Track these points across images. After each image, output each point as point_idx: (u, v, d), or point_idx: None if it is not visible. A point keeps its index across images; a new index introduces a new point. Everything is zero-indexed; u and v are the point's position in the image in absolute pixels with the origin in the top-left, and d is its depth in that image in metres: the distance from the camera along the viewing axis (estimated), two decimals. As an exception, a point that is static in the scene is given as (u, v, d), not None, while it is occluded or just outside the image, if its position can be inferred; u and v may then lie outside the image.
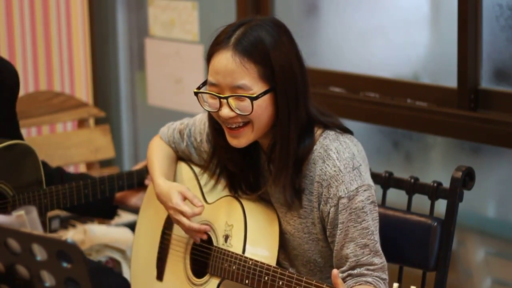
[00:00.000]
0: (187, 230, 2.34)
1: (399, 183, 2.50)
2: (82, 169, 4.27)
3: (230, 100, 2.13)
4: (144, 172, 2.82)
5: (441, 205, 2.41)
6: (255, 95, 2.12)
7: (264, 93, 2.13)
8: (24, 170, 2.63)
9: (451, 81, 3.10)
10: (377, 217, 2.20)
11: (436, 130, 3.12)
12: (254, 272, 2.18)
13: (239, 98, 2.13)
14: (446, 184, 2.39)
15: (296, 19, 3.69)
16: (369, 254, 2.15)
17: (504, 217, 3.16)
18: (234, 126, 2.17)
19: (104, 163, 4.12)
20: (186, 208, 2.31)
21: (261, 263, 2.17)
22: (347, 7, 3.52)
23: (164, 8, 4.22)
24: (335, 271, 2.01)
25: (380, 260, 2.17)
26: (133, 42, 4.52)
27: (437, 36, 3.33)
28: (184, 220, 2.32)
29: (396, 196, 2.63)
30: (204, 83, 2.22)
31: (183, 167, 2.52)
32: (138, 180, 2.82)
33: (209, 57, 2.19)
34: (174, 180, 2.50)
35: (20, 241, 1.76)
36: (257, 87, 2.13)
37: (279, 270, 2.14)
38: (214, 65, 2.16)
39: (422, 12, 3.32)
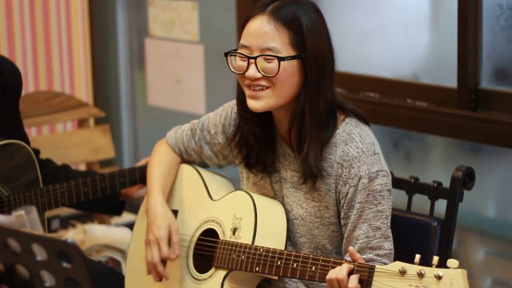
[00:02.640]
0: (152, 264, 2.36)
1: (399, 183, 2.50)
2: (82, 169, 4.27)
3: (258, 60, 2.18)
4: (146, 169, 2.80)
5: (441, 205, 2.41)
6: (284, 57, 2.16)
7: (293, 57, 2.17)
8: (19, 169, 2.62)
9: (451, 81, 3.10)
10: (391, 206, 2.23)
11: (436, 130, 3.12)
12: (265, 259, 2.20)
13: (268, 59, 2.17)
14: (446, 184, 2.39)
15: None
16: (381, 237, 2.18)
17: (504, 217, 3.16)
18: (257, 88, 2.19)
19: (104, 163, 4.12)
20: (166, 248, 2.35)
21: (273, 249, 2.20)
22: (347, 7, 3.52)
23: (164, 8, 4.22)
24: (350, 248, 2.05)
25: (389, 245, 2.20)
26: (133, 42, 4.52)
27: (437, 36, 3.33)
28: (155, 254, 2.35)
29: (396, 196, 2.63)
30: (236, 49, 2.25)
31: (186, 168, 2.53)
32: (141, 176, 2.78)
33: (244, 22, 2.23)
34: (176, 183, 2.51)
35: (20, 241, 1.76)
36: (286, 52, 2.18)
37: (293, 253, 2.16)
38: (248, 28, 2.20)
39: (422, 12, 3.32)
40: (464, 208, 2.49)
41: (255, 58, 2.18)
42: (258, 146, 2.32)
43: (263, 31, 2.17)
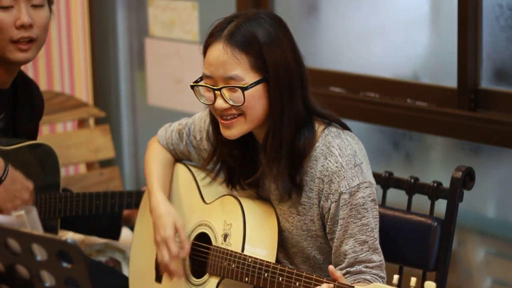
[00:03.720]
0: (164, 264, 2.34)
1: (399, 183, 2.50)
2: (82, 169, 4.27)
3: (224, 91, 2.15)
4: None
5: (441, 205, 2.41)
6: (245, 86, 2.14)
7: (256, 83, 2.15)
8: (44, 171, 2.63)
9: (451, 81, 3.09)
10: (377, 215, 2.20)
11: (436, 130, 3.12)
12: (253, 270, 2.18)
13: (232, 89, 2.15)
14: (446, 184, 2.39)
15: (296, 19, 3.69)
16: (368, 251, 2.16)
17: (504, 217, 3.16)
18: (228, 118, 2.18)
19: (104, 163, 4.12)
20: (174, 246, 2.33)
21: (260, 260, 2.18)
22: (347, 7, 3.52)
23: (164, 8, 4.22)
24: (330, 267, 2.03)
25: (378, 257, 2.17)
26: (133, 42, 4.52)
27: (437, 36, 3.33)
28: (165, 254, 2.33)
29: (396, 196, 2.63)
30: (201, 78, 2.24)
31: (180, 168, 2.52)
32: None
33: (204, 50, 2.21)
34: (171, 183, 2.51)
35: (20, 241, 1.76)
36: (249, 78, 2.15)
37: (278, 266, 2.14)
38: (207, 57, 2.18)
39: (422, 12, 3.32)
40: (464, 208, 2.49)
41: (220, 89, 2.16)
42: (238, 167, 2.31)
43: (221, 60, 2.14)
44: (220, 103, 2.17)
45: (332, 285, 2.01)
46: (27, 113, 2.64)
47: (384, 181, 2.52)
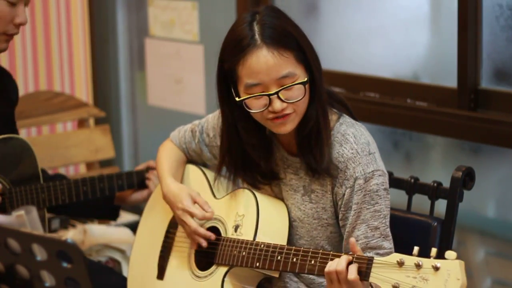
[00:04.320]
0: (193, 232, 2.34)
1: (399, 183, 2.50)
2: (82, 169, 4.27)
3: (281, 93, 2.14)
4: (144, 173, 2.82)
5: (441, 205, 2.41)
6: (305, 79, 2.16)
7: (308, 75, 2.17)
8: (20, 164, 2.63)
9: (451, 81, 3.10)
10: (389, 205, 2.23)
11: (436, 130, 3.12)
12: (266, 254, 2.20)
13: (289, 88, 2.14)
14: (446, 184, 2.39)
15: (296, 19, 3.67)
16: (379, 237, 2.18)
17: (504, 217, 3.16)
18: (284, 117, 2.18)
19: (104, 163, 4.12)
20: (196, 210, 2.34)
21: (273, 244, 2.20)
22: (347, 7, 3.52)
23: (164, 8, 4.22)
24: (352, 239, 2.04)
25: (389, 244, 2.20)
26: (133, 42, 4.52)
27: (437, 36, 3.33)
28: (191, 221, 2.34)
29: (396, 196, 2.63)
30: (235, 92, 2.20)
31: (190, 167, 2.54)
32: (138, 180, 2.81)
33: (234, 65, 2.17)
34: (182, 182, 2.52)
35: (20, 241, 1.76)
36: (299, 71, 2.17)
37: (293, 247, 2.16)
38: (251, 67, 2.14)
39: (422, 12, 3.32)
40: (464, 208, 2.49)
41: (277, 93, 2.14)
42: (258, 159, 2.31)
43: (271, 64, 2.13)
44: (278, 105, 2.14)
45: (350, 257, 2.02)
46: (1, 100, 2.64)
47: (384, 181, 2.52)
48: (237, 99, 2.19)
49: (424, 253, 2.34)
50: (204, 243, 2.34)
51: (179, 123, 2.63)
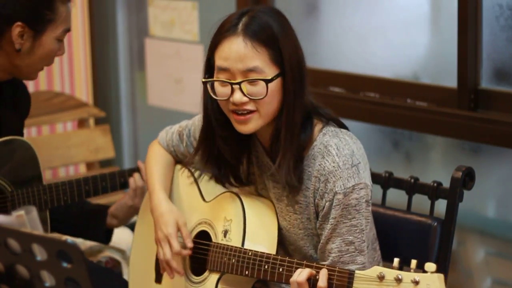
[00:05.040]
0: (165, 261, 2.34)
1: (399, 183, 2.50)
2: (82, 169, 4.27)
3: (243, 84, 2.13)
4: None
5: (441, 205, 2.41)
6: (269, 78, 2.13)
7: (277, 76, 2.14)
8: (22, 165, 2.63)
9: (451, 81, 3.10)
10: (369, 217, 2.21)
11: (436, 130, 3.12)
12: (254, 262, 2.19)
13: (252, 82, 2.13)
14: (446, 184, 2.39)
15: (296, 19, 3.67)
16: (354, 251, 2.17)
17: (504, 217, 3.16)
18: (245, 113, 2.16)
19: (104, 163, 4.12)
20: (176, 244, 2.32)
21: (261, 253, 2.19)
22: (347, 7, 3.52)
23: (164, 8, 4.22)
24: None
25: (362, 259, 2.18)
26: (133, 42, 4.52)
27: (437, 36, 3.33)
28: (167, 251, 2.33)
29: (396, 196, 2.63)
30: (209, 74, 2.21)
31: (180, 169, 2.53)
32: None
33: (213, 46, 2.19)
34: (172, 183, 2.51)
35: (20, 241, 1.76)
36: (269, 70, 2.14)
37: (279, 257, 2.15)
38: (223, 50, 2.16)
39: (422, 12, 3.32)
40: (464, 208, 2.49)
41: (239, 83, 2.14)
42: (235, 162, 2.30)
43: (242, 53, 2.13)
44: (238, 97, 2.14)
45: (314, 271, 2.05)
46: (11, 112, 2.65)
47: (384, 181, 2.52)
48: (203, 79, 2.20)
49: (425, 254, 2.35)
50: (170, 275, 2.34)
51: (179, 123, 2.62)
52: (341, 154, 2.17)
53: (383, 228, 2.37)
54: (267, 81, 2.12)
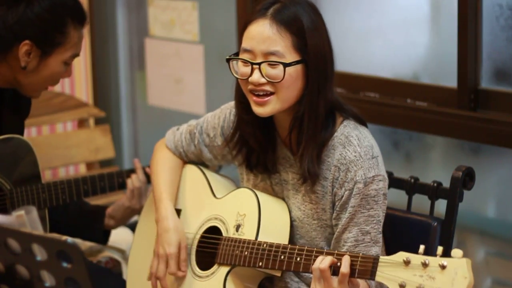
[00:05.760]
0: (156, 277, 2.36)
1: (399, 183, 2.50)
2: (82, 169, 4.27)
3: (262, 66, 2.17)
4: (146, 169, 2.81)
5: (441, 205, 2.41)
6: (288, 62, 2.16)
7: (297, 62, 2.17)
8: (21, 164, 2.63)
9: (451, 81, 3.10)
10: (385, 210, 2.23)
11: (436, 130, 3.12)
12: (269, 254, 2.20)
13: (272, 65, 2.17)
14: (446, 184, 2.39)
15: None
16: (369, 242, 2.19)
17: (504, 217, 3.16)
18: (261, 94, 2.19)
19: (104, 163, 4.12)
20: (174, 265, 2.35)
21: (276, 243, 2.20)
22: (347, 7, 3.52)
23: (164, 8, 4.22)
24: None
25: (377, 250, 2.20)
26: (133, 42, 4.52)
27: (437, 36, 3.33)
28: (162, 268, 2.35)
29: (396, 196, 2.63)
30: (237, 54, 2.25)
31: (190, 167, 2.53)
32: None
33: (244, 26, 2.23)
34: (180, 182, 2.51)
35: (20, 241, 1.76)
36: (290, 56, 2.17)
37: (296, 247, 2.16)
38: (250, 32, 2.20)
39: (422, 12, 3.32)
40: (464, 208, 2.49)
41: (259, 64, 2.18)
42: (258, 148, 2.33)
43: (265, 35, 2.17)
44: (256, 77, 2.18)
45: (335, 259, 2.04)
46: (12, 112, 2.66)
47: (384, 181, 2.52)
48: (227, 57, 2.24)
49: (424, 254, 2.34)
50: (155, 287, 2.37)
51: (179, 123, 2.62)
52: (362, 145, 2.21)
53: (383, 228, 2.36)
54: (286, 65, 2.16)
